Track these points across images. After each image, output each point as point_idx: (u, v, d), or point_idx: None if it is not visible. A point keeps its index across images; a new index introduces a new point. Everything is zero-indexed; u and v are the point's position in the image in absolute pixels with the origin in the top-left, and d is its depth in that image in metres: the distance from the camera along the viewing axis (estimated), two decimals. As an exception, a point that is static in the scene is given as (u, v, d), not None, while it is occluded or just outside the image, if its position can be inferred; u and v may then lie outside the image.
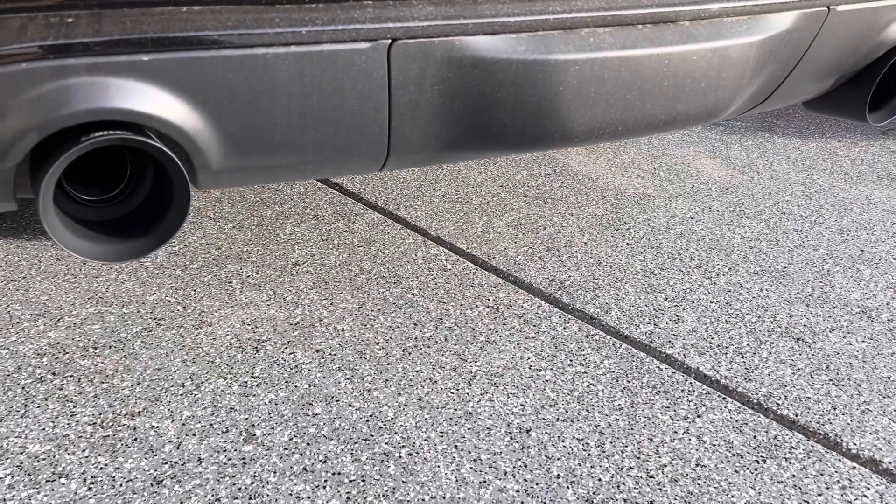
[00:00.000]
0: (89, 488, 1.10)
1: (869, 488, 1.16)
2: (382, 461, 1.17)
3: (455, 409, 1.29)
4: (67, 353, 1.38)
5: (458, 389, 1.34)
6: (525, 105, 0.92)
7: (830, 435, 1.27)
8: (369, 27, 0.82)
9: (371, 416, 1.26)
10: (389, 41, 0.84)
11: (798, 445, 1.24)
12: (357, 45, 0.82)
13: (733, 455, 1.22)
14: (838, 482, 1.17)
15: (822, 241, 1.95)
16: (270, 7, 0.79)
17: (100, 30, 0.74)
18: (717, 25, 1.01)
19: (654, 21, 0.96)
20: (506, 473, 1.16)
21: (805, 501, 1.13)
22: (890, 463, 1.22)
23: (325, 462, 1.17)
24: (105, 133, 0.77)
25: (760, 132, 2.79)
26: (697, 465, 1.19)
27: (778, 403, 1.34)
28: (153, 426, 1.22)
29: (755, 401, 1.34)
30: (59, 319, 1.48)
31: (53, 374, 1.33)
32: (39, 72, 0.73)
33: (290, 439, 1.21)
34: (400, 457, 1.18)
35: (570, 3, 0.90)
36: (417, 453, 1.19)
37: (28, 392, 1.28)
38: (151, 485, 1.11)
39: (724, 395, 1.35)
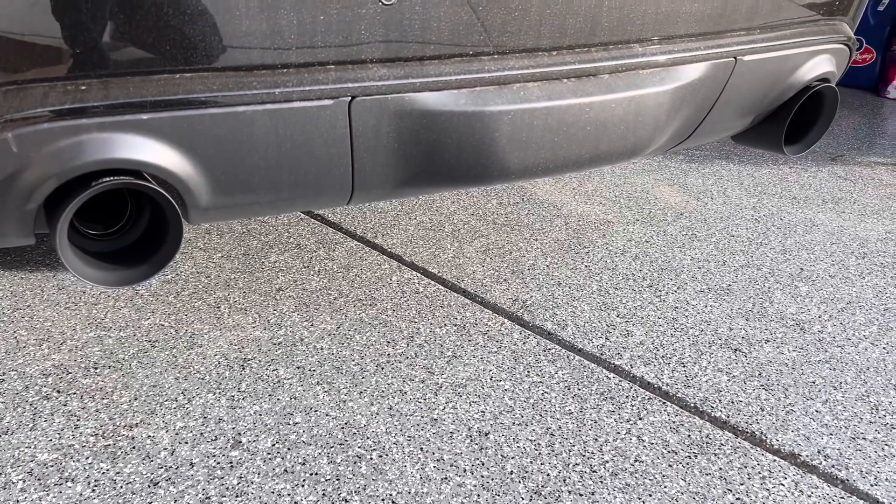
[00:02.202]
0: (93, 490, 1.24)
1: (787, 478, 1.32)
2: (355, 462, 1.32)
3: (422, 417, 1.43)
4: (70, 373, 1.52)
5: (425, 399, 1.48)
6: (467, 149, 1.08)
7: (757, 433, 1.42)
8: (332, 87, 0.98)
9: (346, 423, 1.41)
10: (350, 98, 1.00)
11: (727, 443, 1.39)
12: (322, 102, 0.99)
13: (668, 452, 1.37)
14: (759, 473, 1.32)
15: (765, 261, 2.11)
16: (249, 73, 0.95)
17: (107, 94, 0.90)
18: (633, 77, 1.18)
19: (577, 75, 1.13)
20: (465, 471, 1.31)
21: (728, 490, 1.28)
22: (807, 456, 1.37)
23: (303, 464, 1.31)
24: (112, 178, 0.93)
25: (717, 160, 2.98)
26: (636, 460, 1.34)
27: (712, 406, 1.49)
28: (149, 436, 1.36)
29: (692, 404, 1.50)
30: (61, 343, 1.62)
31: (58, 391, 1.47)
32: (58, 130, 0.88)
33: (273, 445, 1.35)
34: (371, 458, 1.33)
35: (503, 63, 1.07)
36: (387, 455, 1.34)
37: (36, 408, 1.42)
38: (148, 486, 1.25)
39: (664, 400, 1.50)
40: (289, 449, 1.34)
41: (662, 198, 2.57)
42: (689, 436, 1.41)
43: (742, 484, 1.29)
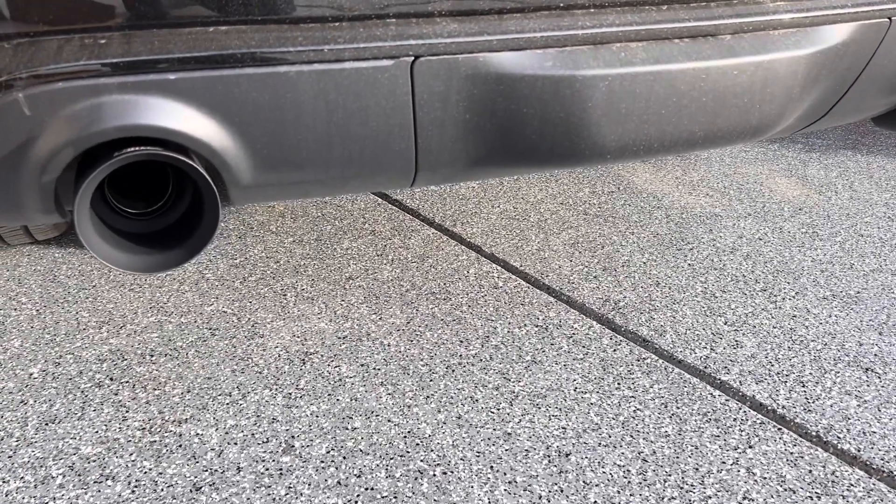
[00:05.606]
0: (133, 491, 1.14)
1: (935, 533, 1.08)
2: (416, 478, 1.17)
3: (494, 430, 1.27)
4: (126, 359, 1.44)
5: (498, 409, 1.32)
6: (553, 121, 0.90)
7: (896, 473, 1.19)
8: (392, 45, 0.83)
9: (409, 432, 1.26)
10: (413, 58, 0.84)
11: (858, 483, 1.16)
12: (380, 62, 0.83)
13: (785, 489, 1.15)
14: (900, 525, 1.09)
15: (902, 266, 1.83)
16: (293, 26, 0.80)
17: (129, 50, 0.77)
18: (761, 39, 0.96)
19: (692, 35, 0.93)
20: (540, 497, 1.13)
21: (861, 544, 1.06)
22: (962, 507, 1.12)
23: (359, 476, 1.17)
24: (135, 149, 0.80)
25: (842, 150, 2.66)
26: (745, 497, 1.13)
27: (839, 437, 1.26)
28: (198, 434, 1.26)
29: (814, 433, 1.27)
30: (121, 327, 1.55)
31: (111, 379, 1.39)
32: (73, 90, 0.76)
33: (328, 452, 1.22)
34: (434, 475, 1.18)
35: (600, 18, 0.88)
36: (452, 472, 1.18)
37: (86, 396, 1.34)
38: (190, 491, 1.14)
39: (779, 426, 1.28)
40: (344, 458, 1.21)
41: (779, 190, 2.29)
42: (810, 471, 1.18)
43: (878, 537, 1.07)
